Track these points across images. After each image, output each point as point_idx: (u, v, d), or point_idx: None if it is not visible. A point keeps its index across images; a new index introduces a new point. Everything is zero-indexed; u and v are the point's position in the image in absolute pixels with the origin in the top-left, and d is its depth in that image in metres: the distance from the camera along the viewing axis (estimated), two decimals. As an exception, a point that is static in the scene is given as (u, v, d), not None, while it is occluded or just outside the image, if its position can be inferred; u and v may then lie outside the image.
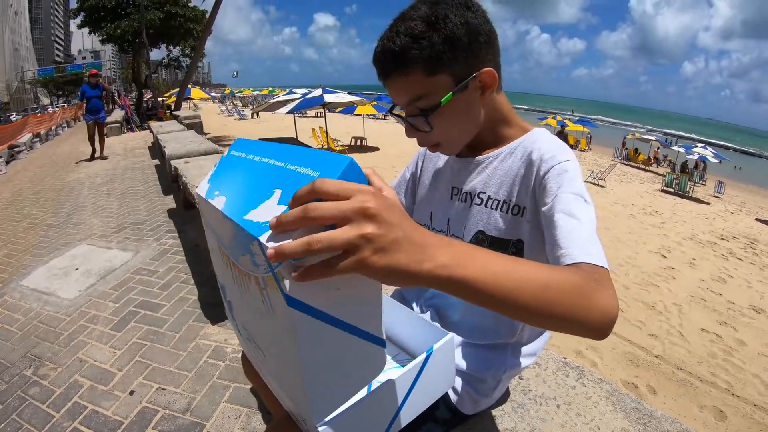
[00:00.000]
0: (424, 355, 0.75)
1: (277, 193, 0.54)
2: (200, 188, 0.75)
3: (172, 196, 5.91)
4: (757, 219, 15.00)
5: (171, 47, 24.47)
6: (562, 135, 23.70)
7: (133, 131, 15.95)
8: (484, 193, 0.99)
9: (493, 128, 1.00)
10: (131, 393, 2.16)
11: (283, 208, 0.51)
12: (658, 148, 23.18)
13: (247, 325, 0.72)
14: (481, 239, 0.97)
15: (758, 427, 4.10)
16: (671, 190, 17.02)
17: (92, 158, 9.38)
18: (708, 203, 16.32)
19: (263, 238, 0.49)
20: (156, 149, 8.92)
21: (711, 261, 8.85)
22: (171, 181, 5.65)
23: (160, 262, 3.72)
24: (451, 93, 0.87)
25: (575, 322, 0.60)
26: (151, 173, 7.67)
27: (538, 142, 0.94)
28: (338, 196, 0.46)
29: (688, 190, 16.89)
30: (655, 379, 4.53)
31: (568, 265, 0.69)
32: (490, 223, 0.97)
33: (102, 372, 2.33)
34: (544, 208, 0.83)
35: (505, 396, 1.25)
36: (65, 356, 2.48)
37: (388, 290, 2.27)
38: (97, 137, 9.36)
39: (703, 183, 21.55)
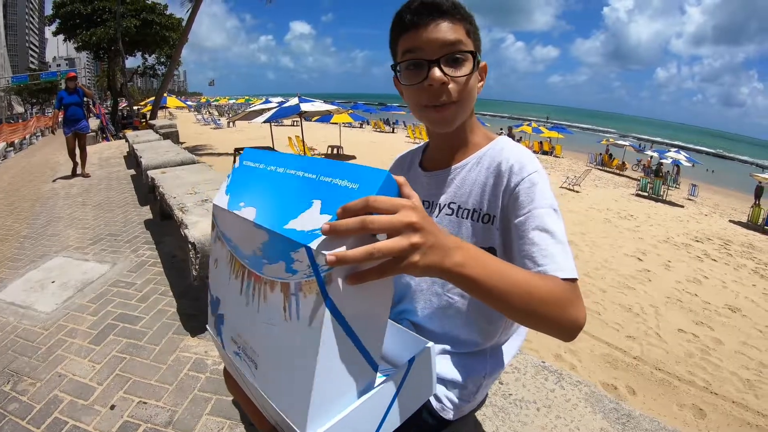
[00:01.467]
0: (405, 365, 0.76)
1: (317, 203, 0.60)
2: (218, 199, 0.79)
3: (148, 207, 5.83)
4: (730, 220, 15.39)
5: (147, 55, 24.25)
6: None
7: (108, 140, 15.74)
8: (454, 203, 1.02)
9: (465, 134, 1.05)
10: (112, 407, 2.13)
11: (327, 217, 0.57)
12: (651, 158, 23.29)
13: (246, 335, 0.73)
14: None
15: (737, 423, 4.19)
16: (645, 194, 17.34)
17: (73, 175, 8.23)
18: (682, 206, 16.67)
19: (314, 245, 0.55)
20: (132, 159, 8.79)
21: (686, 262, 9.04)
22: (148, 192, 5.58)
23: (138, 274, 3.67)
24: (479, 57, 0.97)
25: (550, 325, 0.75)
26: (127, 183, 7.57)
27: (505, 151, 0.98)
28: (388, 210, 0.56)
29: (662, 193, 17.25)
30: (634, 380, 4.60)
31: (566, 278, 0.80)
32: (462, 231, 1.00)
33: (82, 386, 2.29)
34: (517, 221, 0.89)
35: (484, 399, 1.26)
36: (44, 371, 2.43)
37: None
38: (77, 151, 8.17)
39: (677, 186, 21.97)
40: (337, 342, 0.59)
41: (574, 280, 0.80)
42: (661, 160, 22.97)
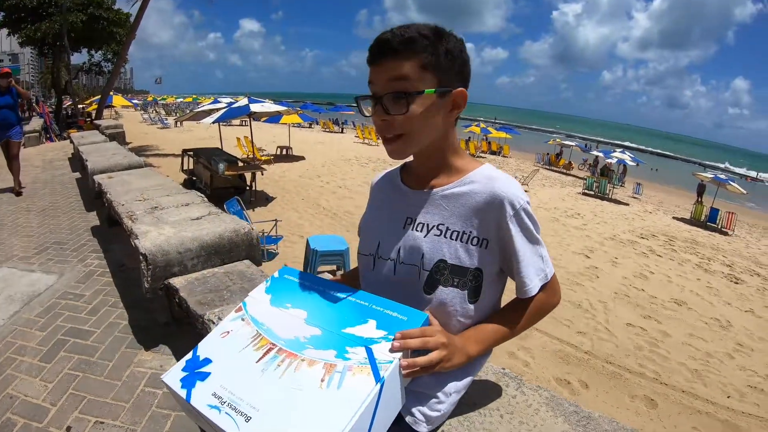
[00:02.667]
0: (378, 387, 0.79)
1: (372, 322, 0.90)
2: (257, 294, 1.04)
3: (95, 213, 5.57)
4: (674, 217, 16.08)
5: (93, 51, 23.30)
6: None
7: (52, 141, 15.00)
8: (443, 224, 1.06)
9: (446, 157, 1.10)
10: (68, 429, 2.04)
11: (383, 332, 0.88)
12: (611, 162, 23.87)
13: (243, 393, 0.83)
14: (442, 267, 1.04)
15: (688, 412, 4.40)
16: (592, 192, 17.86)
17: (18, 193, 6.79)
18: (627, 204, 17.30)
19: (375, 348, 0.85)
20: (77, 161, 8.38)
21: (632, 259, 9.40)
22: (94, 197, 5.34)
23: (87, 285, 3.52)
24: (434, 89, 0.98)
25: (538, 322, 1.16)
26: (72, 187, 7.25)
27: (495, 182, 1.04)
28: (432, 335, 0.91)
29: (608, 192, 17.80)
30: (587, 374, 4.76)
31: (542, 286, 1.08)
32: (451, 252, 1.04)
33: (35, 408, 2.18)
34: (516, 245, 1.04)
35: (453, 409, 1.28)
36: (-6, 393, 2.30)
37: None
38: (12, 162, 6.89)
39: (622, 185, 22.72)
40: (367, 409, 0.77)
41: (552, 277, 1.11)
42: (607, 160, 23.66)
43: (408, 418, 1.07)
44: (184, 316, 2.39)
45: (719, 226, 15.25)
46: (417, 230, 1.08)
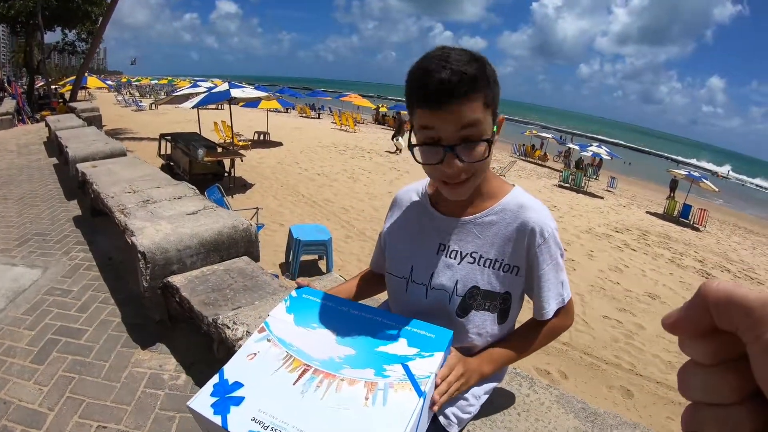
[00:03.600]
0: (421, 401, 0.82)
1: (403, 340, 0.93)
2: (278, 315, 1.03)
3: (76, 201, 5.41)
4: (647, 212, 16.38)
5: (67, 31, 22.56)
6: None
7: (24, 123, 14.48)
8: (477, 252, 1.08)
9: (480, 183, 1.08)
10: (69, 435, 1.99)
11: (415, 350, 0.90)
12: (594, 158, 24.06)
13: (286, 416, 0.81)
14: (475, 293, 1.08)
15: (662, 402, 4.55)
16: (567, 185, 18.10)
17: None
18: (602, 197, 17.53)
19: (410, 364, 0.87)
20: (53, 145, 8.12)
21: (608, 252, 9.56)
22: (77, 187, 5.20)
23: (73, 280, 3.41)
24: (495, 127, 0.97)
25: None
26: (49, 173, 7.02)
27: (525, 210, 1.07)
28: (453, 364, 0.98)
29: (583, 185, 18.07)
30: (566, 365, 4.89)
31: (557, 309, 1.12)
32: (484, 279, 1.07)
33: (32, 413, 2.10)
34: (541, 272, 1.08)
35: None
36: (-13, 399, 2.21)
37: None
38: None
39: (596, 178, 23.05)
40: (414, 422, 0.79)
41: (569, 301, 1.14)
42: (582, 153, 23.98)
43: (443, 420, 1.13)
44: (186, 316, 2.36)
45: (691, 222, 15.57)
46: (450, 257, 1.10)
